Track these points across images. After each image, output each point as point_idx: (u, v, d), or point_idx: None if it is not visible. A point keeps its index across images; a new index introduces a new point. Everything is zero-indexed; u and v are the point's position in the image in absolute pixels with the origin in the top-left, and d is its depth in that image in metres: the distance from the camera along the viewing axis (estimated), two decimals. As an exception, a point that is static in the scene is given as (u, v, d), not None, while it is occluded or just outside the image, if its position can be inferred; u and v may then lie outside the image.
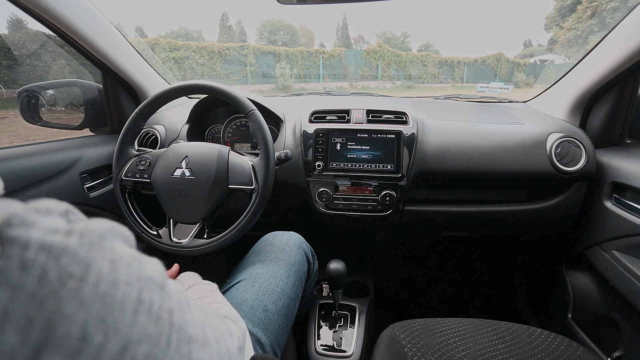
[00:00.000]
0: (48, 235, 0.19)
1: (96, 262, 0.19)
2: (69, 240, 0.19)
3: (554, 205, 0.94)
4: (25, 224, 0.18)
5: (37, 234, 0.18)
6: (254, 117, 0.78)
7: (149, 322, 0.21)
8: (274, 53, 15.28)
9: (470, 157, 0.91)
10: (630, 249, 0.78)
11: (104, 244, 0.21)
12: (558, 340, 0.67)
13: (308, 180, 0.95)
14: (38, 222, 0.19)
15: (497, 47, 74.43)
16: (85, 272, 0.19)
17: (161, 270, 0.24)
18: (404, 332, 0.68)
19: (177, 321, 0.23)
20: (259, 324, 0.60)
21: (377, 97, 1.34)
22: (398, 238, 1.12)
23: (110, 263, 0.20)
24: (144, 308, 0.21)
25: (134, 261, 0.22)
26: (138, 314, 0.20)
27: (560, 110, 1.03)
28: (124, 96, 1.09)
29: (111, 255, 0.20)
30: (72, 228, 0.20)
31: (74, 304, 0.18)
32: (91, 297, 0.18)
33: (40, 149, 0.85)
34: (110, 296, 0.19)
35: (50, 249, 0.18)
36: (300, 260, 0.75)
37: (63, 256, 0.18)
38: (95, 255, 0.20)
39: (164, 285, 0.23)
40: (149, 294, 0.21)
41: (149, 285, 0.22)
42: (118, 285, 0.20)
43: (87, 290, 0.18)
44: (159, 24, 74.93)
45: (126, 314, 0.20)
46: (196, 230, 0.78)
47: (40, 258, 0.18)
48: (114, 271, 0.20)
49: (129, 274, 0.21)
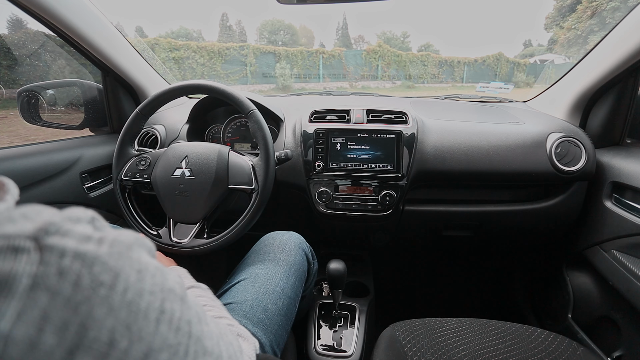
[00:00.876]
0: (82, 244, 0.20)
1: (124, 271, 0.21)
2: (100, 249, 0.20)
3: (554, 205, 0.94)
4: (60, 232, 0.20)
5: (72, 243, 0.19)
6: (254, 117, 0.78)
7: (170, 332, 0.22)
8: (274, 53, 15.29)
9: (470, 157, 0.91)
10: (630, 248, 0.78)
11: (131, 254, 0.22)
12: (558, 340, 0.67)
13: (308, 180, 0.95)
14: (72, 231, 0.20)
15: (497, 47, 74.43)
16: (114, 280, 0.20)
17: (181, 282, 0.25)
18: (404, 332, 0.68)
19: (195, 332, 0.25)
20: (258, 324, 0.60)
21: (377, 97, 1.34)
22: (398, 238, 1.12)
23: (137, 273, 0.21)
24: (166, 318, 0.22)
25: (158, 272, 0.23)
26: (160, 323, 0.22)
27: (560, 110, 1.03)
28: (124, 96, 1.09)
29: (138, 265, 0.22)
30: (103, 237, 0.21)
31: (104, 310, 0.19)
32: (119, 304, 0.20)
33: (40, 149, 0.85)
34: (136, 304, 0.20)
35: (84, 257, 0.19)
36: (300, 260, 0.75)
37: (95, 264, 0.19)
38: (124, 265, 0.21)
39: (184, 296, 0.25)
40: (171, 304, 0.23)
41: (171, 296, 0.23)
42: (143, 295, 0.21)
43: (116, 297, 0.20)
44: (159, 24, 74.97)
45: (149, 322, 0.21)
46: (196, 230, 0.78)
47: (75, 266, 0.19)
48: (140, 281, 0.21)
49: (154, 284, 0.22)
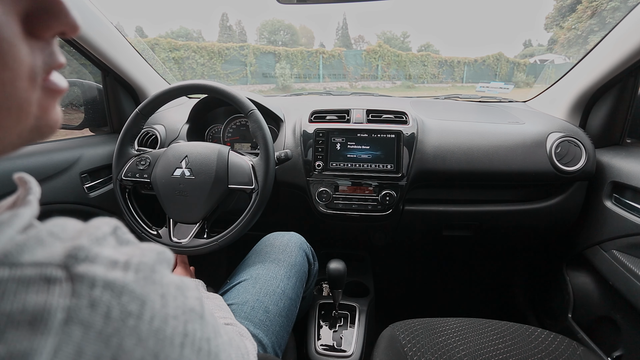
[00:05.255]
0: (109, 272, 0.20)
1: (150, 298, 0.21)
2: (127, 276, 0.20)
3: (554, 205, 0.94)
4: (89, 258, 0.19)
5: (101, 271, 0.19)
6: (253, 117, 0.78)
7: (192, 354, 0.22)
8: (274, 53, 15.29)
9: (470, 157, 0.91)
10: (630, 248, 0.78)
11: (154, 278, 0.22)
12: (558, 340, 0.67)
13: (308, 180, 0.95)
14: (100, 256, 0.20)
15: (497, 47, 74.47)
16: (141, 309, 0.20)
17: (200, 296, 0.26)
18: (404, 332, 0.68)
19: (213, 349, 0.25)
20: (260, 325, 0.60)
21: (377, 97, 1.34)
22: (398, 238, 1.12)
23: (160, 298, 0.21)
24: (189, 341, 0.22)
25: (179, 292, 0.23)
26: (184, 347, 0.22)
27: (560, 110, 1.03)
28: (124, 96, 1.09)
29: (161, 290, 0.22)
30: (128, 261, 0.21)
31: (134, 340, 0.19)
32: (147, 333, 0.20)
33: (40, 149, 0.85)
34: (162, 332, 0.20)
35: (113, 287, 0.19)
36: (300, 261, 0.75)
37: (123, 294, 0.19)
38: (149, 292, 0.21)
39: (203, 313, 0.25)
40: (192, 325, 0.23)
41: (192, 316, 0.23)
42: (168, 321, 0.21)
43: (144, 327, 0.20)
44: (159, 24, 74.98)
45: (175, 348, 0.21)
46: (196, 230, 0.78)
47: (105, 297, 0.19)
48: (164, 306, 0.21)
49: (176, 308, 0.22)
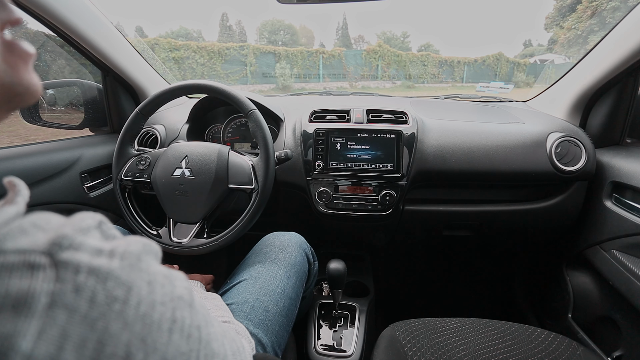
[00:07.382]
0: (94, 258, 0.20)
1: (136, 284, 0.21)
2: (112, 263, 0.21)
3: (554, 205, 0.94)
4: (73, 246, 0.20)
5: (85, 257, 0.20)
6: (253, 117, 0.78)
7: (182, 340, 0.23)
8: (274, 53, 15.28)
9: (470, 157, 0.91)
10: (630, 248, 0.78)
11: (141, 266, 0.22)
12: (558, 340, 0.67)
13: (308, 180, 0.95)
14: (84, 244, 0.20)
15: (497, 47, 74.39)
16: (127, 295, 0.20)
17: (188, 286, 0.26)
18: (404, 332, 0.68)
19: (204, 337, 0.25)
20: (260, 325, 0.60)
21: (377, 96, 1.34)
22: (398, 238, 1.12)
23: (147, 285, 0.22)
24: (178, 327, 0.23)
25: (167, 280, 0.24)
26: (173, 332, 0.22)
27: (560, 109, 1.03)
28: (124, 96, 1.09)
29: (147, 277, 0.22)
30: (114, 249, 0.21)
31: (120, 325, 0.19)
32: (134, 318, 0.20)
33: (40, 149, 0.85)
34: (149, 317, 0.21)
35: (98, 273, 0.20)
36: (300, 261, 0.75)
37: (108, 280, 0.20)
38: (135, 278, 0.21)
39: (192, 302, 0.25)
40: (181, 312, 0.23)
41: (180, 303, 0.24)
42: (155, 306, 0.21)
43: (130, 312, 0.20)
44: (159, 24, 74.94)
45: (163, 333, 0.21)
46: (196, 230, 0.78)
47: (90, 282, 0.19)
48: (151, 293, 0.22)
49: (164, 294, 0.23)
